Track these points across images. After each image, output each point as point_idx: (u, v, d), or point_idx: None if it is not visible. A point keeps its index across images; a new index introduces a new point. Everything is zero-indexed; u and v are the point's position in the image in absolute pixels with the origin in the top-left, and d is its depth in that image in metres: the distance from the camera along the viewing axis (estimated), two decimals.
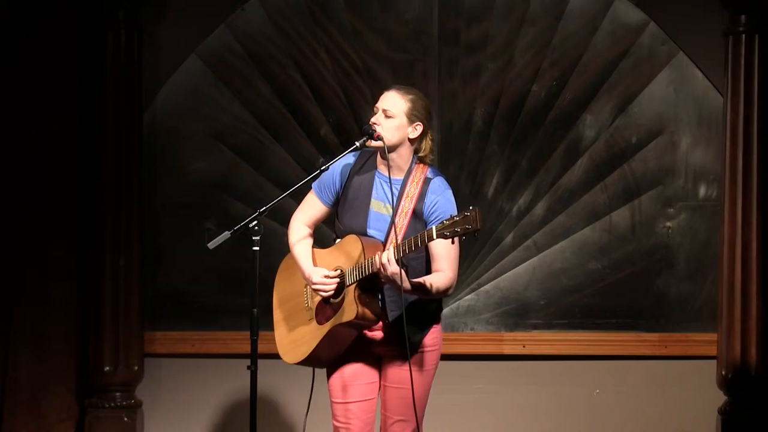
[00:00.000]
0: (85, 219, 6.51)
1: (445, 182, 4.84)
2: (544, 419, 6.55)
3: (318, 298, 4.84)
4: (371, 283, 4.72)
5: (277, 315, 4.98)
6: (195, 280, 6.64)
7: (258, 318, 4.67)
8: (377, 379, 4.89)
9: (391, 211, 4.79)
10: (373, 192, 4.84)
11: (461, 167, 6.59)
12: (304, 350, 4.84)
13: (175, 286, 6.66)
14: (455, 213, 4.70)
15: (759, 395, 6.29)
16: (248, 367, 4.65)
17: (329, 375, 4.90)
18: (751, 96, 6.28)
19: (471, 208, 4.47)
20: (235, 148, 6.66)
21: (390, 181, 4.78)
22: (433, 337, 4.86)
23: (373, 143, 4.77)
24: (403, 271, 4.60)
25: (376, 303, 4.75)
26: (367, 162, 4.89)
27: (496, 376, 6.57)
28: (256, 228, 4.64)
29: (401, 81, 6.44)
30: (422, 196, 4.79)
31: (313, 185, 4.94)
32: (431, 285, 4.69)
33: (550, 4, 6.53)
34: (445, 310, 6.59)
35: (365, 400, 4.87)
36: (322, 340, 4.79)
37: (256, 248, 4.66)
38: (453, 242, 4.57)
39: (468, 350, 6.55)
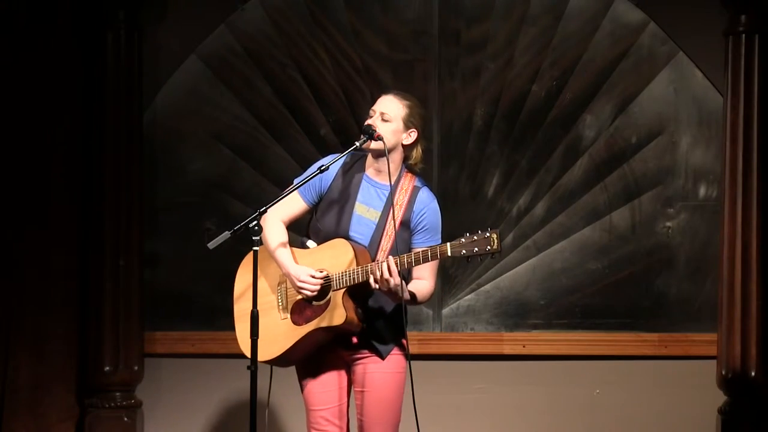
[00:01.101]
0: (85, 219, 6.51)
1: (431, 193, 4.85)
2: (544, 419, 6.54)
3: (294, 298, 4.81)
4: (359, 290, 4.72)
5: (242, 309, 4.88)
6: (195, 281, 6.64)
7: (258, 318, 4.67)
8: (347, 384, 4.91)
9: (375, 216, 4.79)
10: (359, 195, 4.82)
11: (461, 167, 6.59)
12: (276, 349, 4.81)
13: (175, 287, 6.66)
14: (440, 225, 4.73)
15: (759, 395, 6.29)
16: (248, 367, 4.64)
17: (303, 384, 4.90)
18: (751, 96, 6.28)
19: (490, 228, 4.49)
20: (235, 148, 6.66)
21: (391, 188, 4.76)
22: (402, 343, 4.86)
23: (373, 144, 4.76)
24: (403, 282, 4.63)
25: (361, 310, 4.76)
26: (355, 164, 4.87)
27: (496, 376, 6.57)
28: (256, 228, 4.63)
29: (401, 81, 6.45)
30: (410, 204, 4.79)
31: (296, 181, 4.90)
32: (418, 294, 4.76)
33: (550, 4, 6.53)
34: (445, 310, 6.60)
35: (340, 404, 4.89)
36: (299, 340, 4.78)
37: (256, 248, 4.66)
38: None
39: (468, 350, 6.55)
